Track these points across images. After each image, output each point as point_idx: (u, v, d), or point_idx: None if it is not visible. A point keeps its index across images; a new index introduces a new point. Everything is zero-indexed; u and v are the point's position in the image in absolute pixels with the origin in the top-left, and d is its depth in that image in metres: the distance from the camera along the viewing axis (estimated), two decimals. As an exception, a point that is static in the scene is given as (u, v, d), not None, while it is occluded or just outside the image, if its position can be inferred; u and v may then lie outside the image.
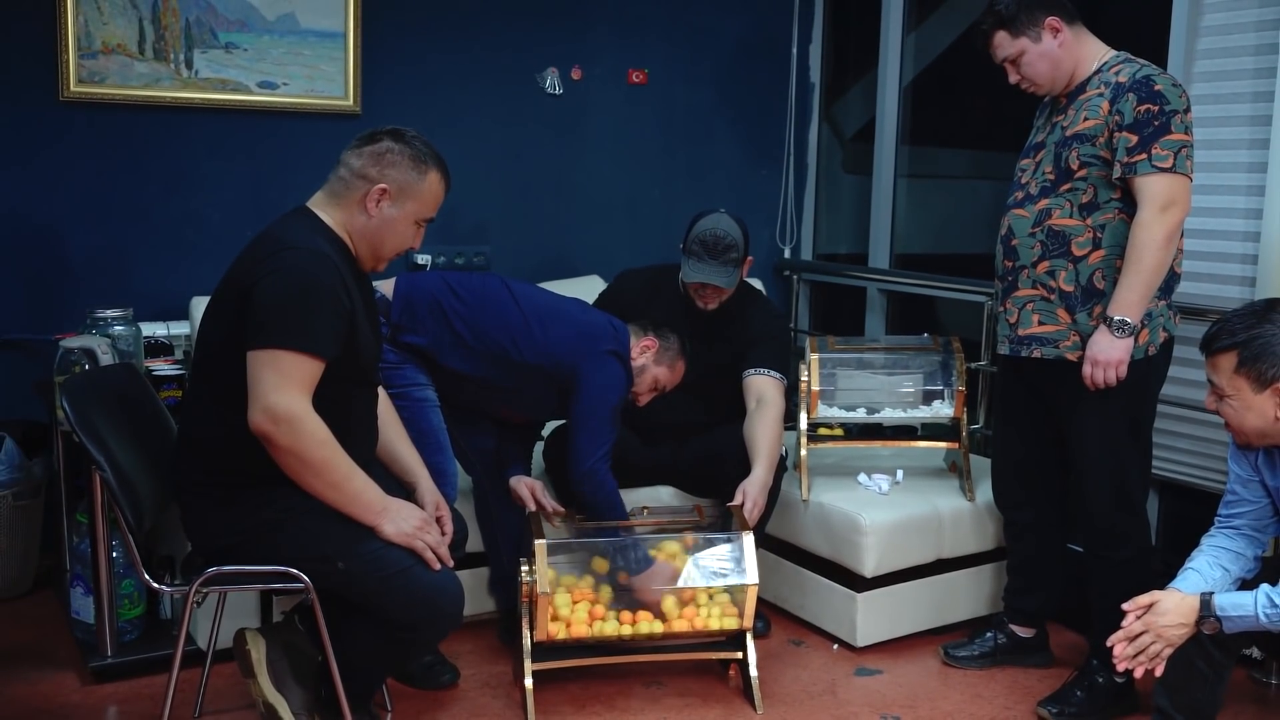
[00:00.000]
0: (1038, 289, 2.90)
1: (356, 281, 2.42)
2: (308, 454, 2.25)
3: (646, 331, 3.20)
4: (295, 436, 2.23)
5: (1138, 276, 2.71)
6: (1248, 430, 2.36)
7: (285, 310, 2.24)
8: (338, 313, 2.30)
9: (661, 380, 3.21)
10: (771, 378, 3.30)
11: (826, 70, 4.89)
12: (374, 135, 2.44)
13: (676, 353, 3.22)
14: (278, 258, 2.28)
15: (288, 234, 2.35)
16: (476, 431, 3.19)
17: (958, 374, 3.44)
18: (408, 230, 2.46)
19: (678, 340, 3.23)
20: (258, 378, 2.23)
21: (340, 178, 2.43)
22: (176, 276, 3.72)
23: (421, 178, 2.43)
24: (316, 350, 2.26)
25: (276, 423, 2.21)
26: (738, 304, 3.42)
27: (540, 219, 4.37)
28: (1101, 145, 2.79)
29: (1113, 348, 2.75)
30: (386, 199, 2.41)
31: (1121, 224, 2.79)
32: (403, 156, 2.41)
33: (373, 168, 2.40)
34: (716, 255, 3.26)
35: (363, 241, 2.45)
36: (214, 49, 3.74)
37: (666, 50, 4.54)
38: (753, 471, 3.11)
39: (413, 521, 2.37)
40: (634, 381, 3.15)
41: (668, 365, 3.20)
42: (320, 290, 2.28)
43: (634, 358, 3.14)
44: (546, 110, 4.32)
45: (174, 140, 3.74)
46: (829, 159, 4.98)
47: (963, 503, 3.41)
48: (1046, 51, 2.86)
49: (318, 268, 2.29)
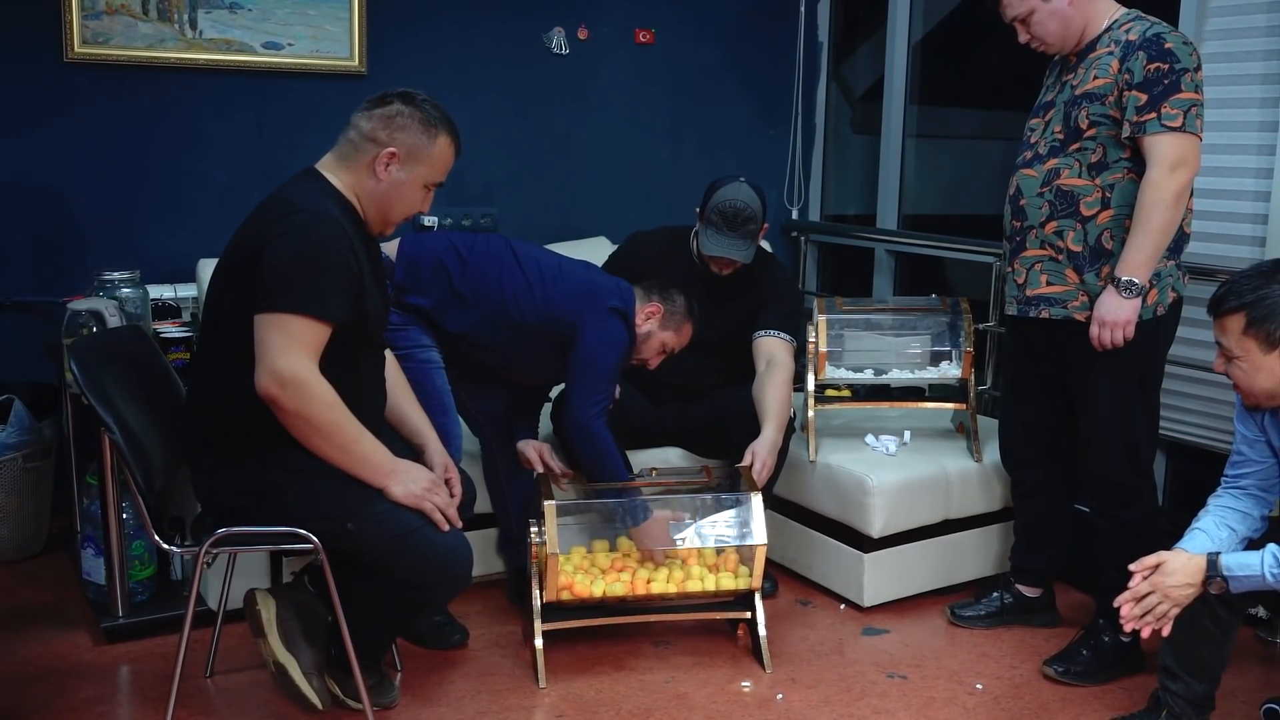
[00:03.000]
0: (1046, 249, 2.89)
1: (364, 245, 2.42)
2: (315, 417, 2.25)
3: (651, 296, 3.17)
4: (302, 400, 2.23)
5: (1146, 236, 2.70)
6: (1257, 391, 2.35)
7: (293, 274, 2.24)
8: (346, 277, 2.30)
9: (669, 344, 3.20)
10: (782, 339, 3.30)
11: (835, 28, 4.86)
12: (384, 98, 2.42)
13: (683, 315, 3.20)
14: (286, 220, 2.28)
15: (296, 197, 2.34)
16: (483, 394, 3.19)
17: (965, 335, 3.43)
18: (416, 194, 2.45)
19: (684, 301, 3.20)
20: (265, 341, 2.23)
21: (350, 140, 2.41)
22: (183, 238, 3.72)
23: (432, 142, 2.41)
24: (324, 314, 2.26)
25: (284, 386, 2.22)
26: (750, 267, 3.40)
27: (547, 180, 4.35)
28: (1111, 104, 2.77)
29: (1120, 308, 2.75)
30: (396, 163, 2.39)
31: (1130, 183, 2.78)
32: (413, 120, 2.39)
33: (382, 131, 2.39)
34: (736, 228, 3.24)
35: (371, 205, 2.44)
36: (218, 9, 3.72)
37: (673, 9, 4.51)
38: (762, 432, 3.11)
39: (421, 483, 2.38)
40: (639, 347, 3.14)
41: (674, 330, 3.19)
42: (328, 254, 2.27)
43: (639, 323, 3.12)
44: (553, 70, 4.30)
45: (179, 102, 3.73)
46: (837, 119, 4.95)
47: (970, 463, 3.41)
48: (1056, 10, 2.83)
49: (326, 231, 2.29)
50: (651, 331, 3.15)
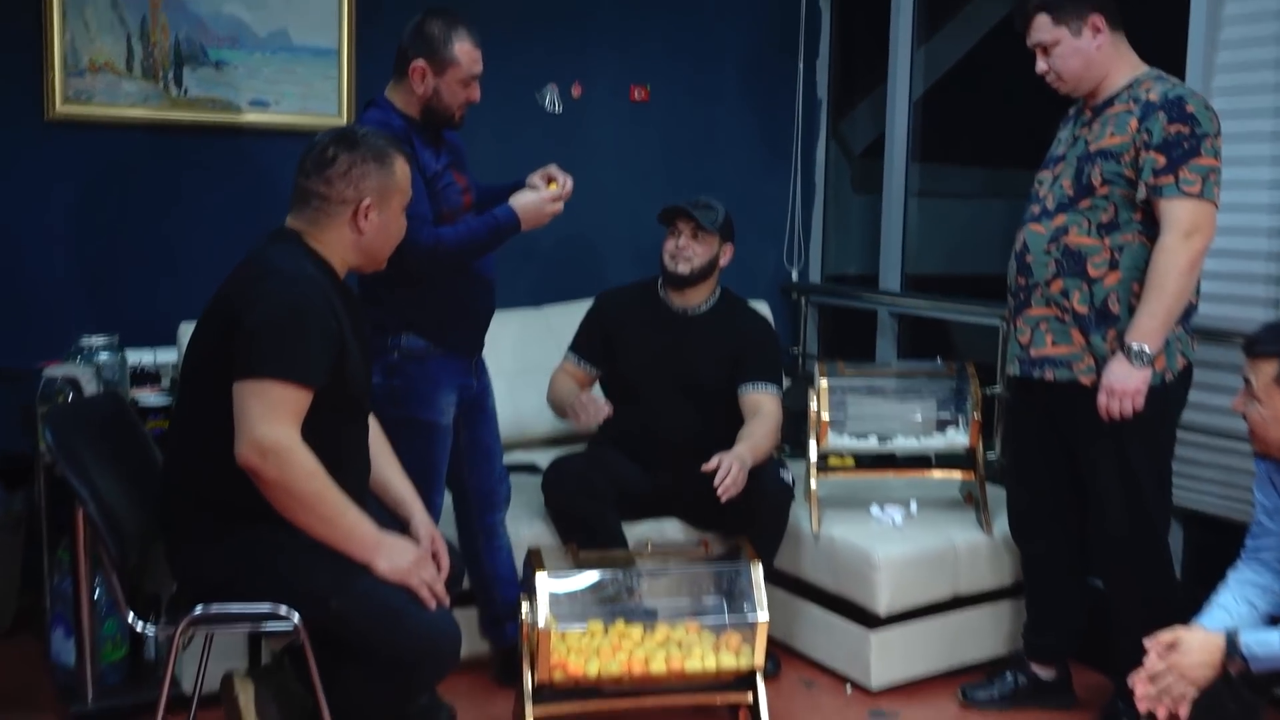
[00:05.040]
0: (1051, 308, 2.89)
1: (345, 305, 2.42)
2: (297, 487, 2.23)
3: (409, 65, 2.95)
4: (284, 469, 2.21)
5: (1159, 303, 2.71)
6: (1270, 440, 2.36)
7: (272, 339, 2.23)
8: (326, 340, 2.30)
9: (459, 74, 2.94)
10: (768, 393, 3.44)
11: (834, 85, 4.90)
12: (323, 154, 2.39)
13: (446, 32, 2.93)
14: (263, 283, 2.28)
15: (273, 258, 2.35)
16: (483, 470, 3.20)
17: (972, 400, 3.42)
18: (398, 223, 2.49)
19: (441, 23, 2.95)
20: (244, 409, 2.22)
21: (315, 208, 2.41)
22: (164, 301, 3.70)
23: (392, 171, 2.42)
24: (304, 379, 2.25)
25: (264, 455, 2.20)
26: (724, 309, 3.59)
27: (540, 240, 4.34)
28: (1126, 163, 2.78)
29: (1130, 377, 2.74)
30: (373, 210, 2.41)
31: (1141, 247, 2.79)
32: (367, 162, 2.39)
33: (348, 189, 2.39)
34: (692, 205, 3.49)
35: (359, 254, 2.46)
36: (204, 66, 3.75)
37: (669, 66, 4.55)
38: (733, 448, 3.21)
39: (408, 557, 2.35)
40: (436, 105, 2.95)
41: (450, 63, 2.93)
42: (308, 317, 2.27)
43: (415, 88, 2.93)
44: (547, 128, 4.32)
45: (163, 160, 3.75)
46: (837, 177, 4.98)
47: (979, 536, 3.39)
48: (1082, 48, 2.85)
49: (305, 294, 2.29)
50: (435, 87, 2.95)
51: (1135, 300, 2.77)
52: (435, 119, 2.98)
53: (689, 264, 3.50)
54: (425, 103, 2.95)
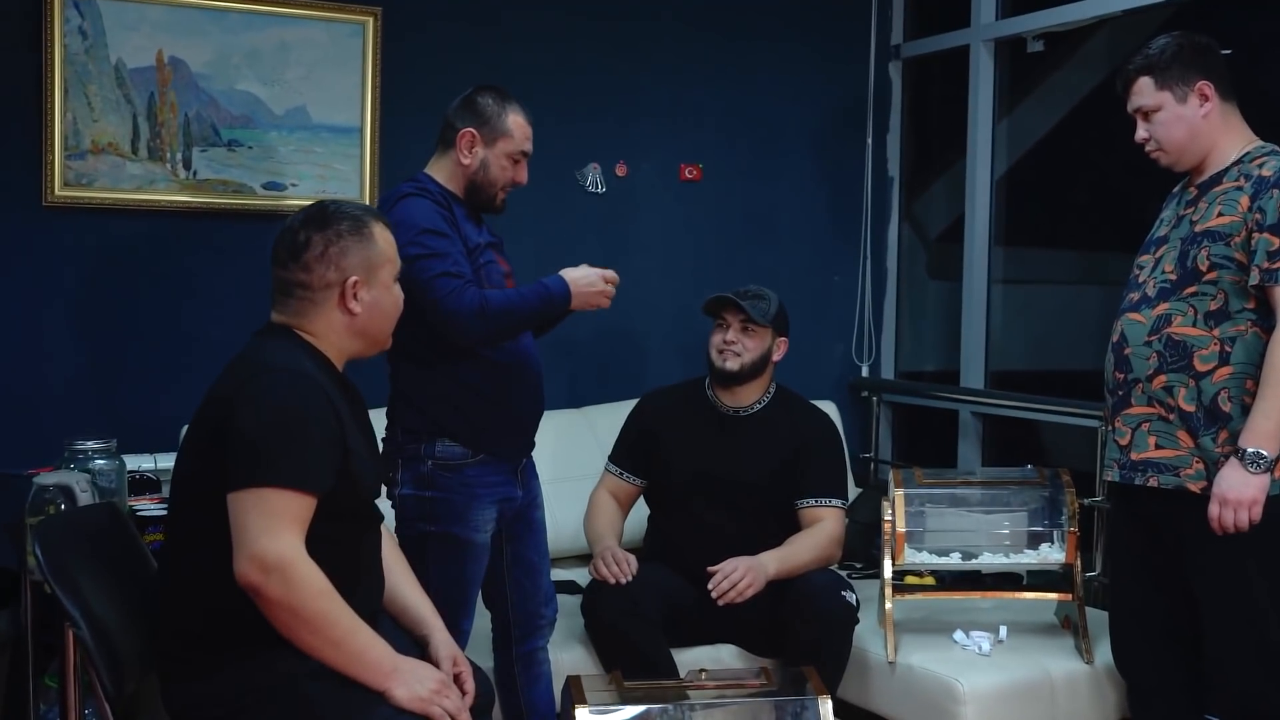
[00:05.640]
0: (1154, 406, 2.88)
1: (347, 401, 2.44)
2: (303, 607, 2.23)
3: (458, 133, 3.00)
4: (288, 587, 2.21)
5: (1276, 402, 2.69)
6: None
7: (267, 443, 2.24)
8: (327, 439, 2.31)
9: (510, 151, 3.03)
10: (829, 507, 3.48)
11: (906, 162, 4.96)
12: (294, 238, 2.43)
13: (501, 108, 3.01)
14: (255, 383, 2.30)
15: (265, 355, 2.37)
16: (527, 590, 3.20)
17: (1068, 512, 3.38)
18: (393, 295, 2.50)
19: (494, 97, 3.03)
20: (242, 523, 2.22)
21: (300, 298, 2.43)
22: (168, 402, 3.74)
23: (372, 243, 2.44)
24: (306, 485, 2.25)
25: (267, 572, 2.19)
26: (778, 407, 3.61)
27: (580, 333, 4.37)
28: (1237, 246, 2.79)
29: (1246, 485, 2.71)
30: (361, 287, 2.43)
31: (1255, 338, 2.78)
32: (344, 239, 2.41)
33: (328, 271, 2.41)
34: (740, 296, 3.53)
35: (359, 338, 2.48)
36: (215, 147, 3.85)
37: (723, 142, 4.61)
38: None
39: (428, 684, 2.33)
40: (482, 182, 3.02)
41: (503, 135, 3.01)
42: (305, 416, 2.28)
43: (462, 160, 2.99)
44: (588, 210, 4.40)
45: (169, 248, 3.82)
46: (911, 262, 5.02)
47: (1079, 665, 3.34)
48: (1187, 116, 2.88)
49: (301, 391, 2.30)
50: (484, 159, 3.01)
51: (1249, 399, 2.76)
52: (478, 198, 3.04)
53: (738, 360, 3.53)
54: (471, 177, 3.01)
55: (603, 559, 3.40)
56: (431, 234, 2.85)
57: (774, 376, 3.64)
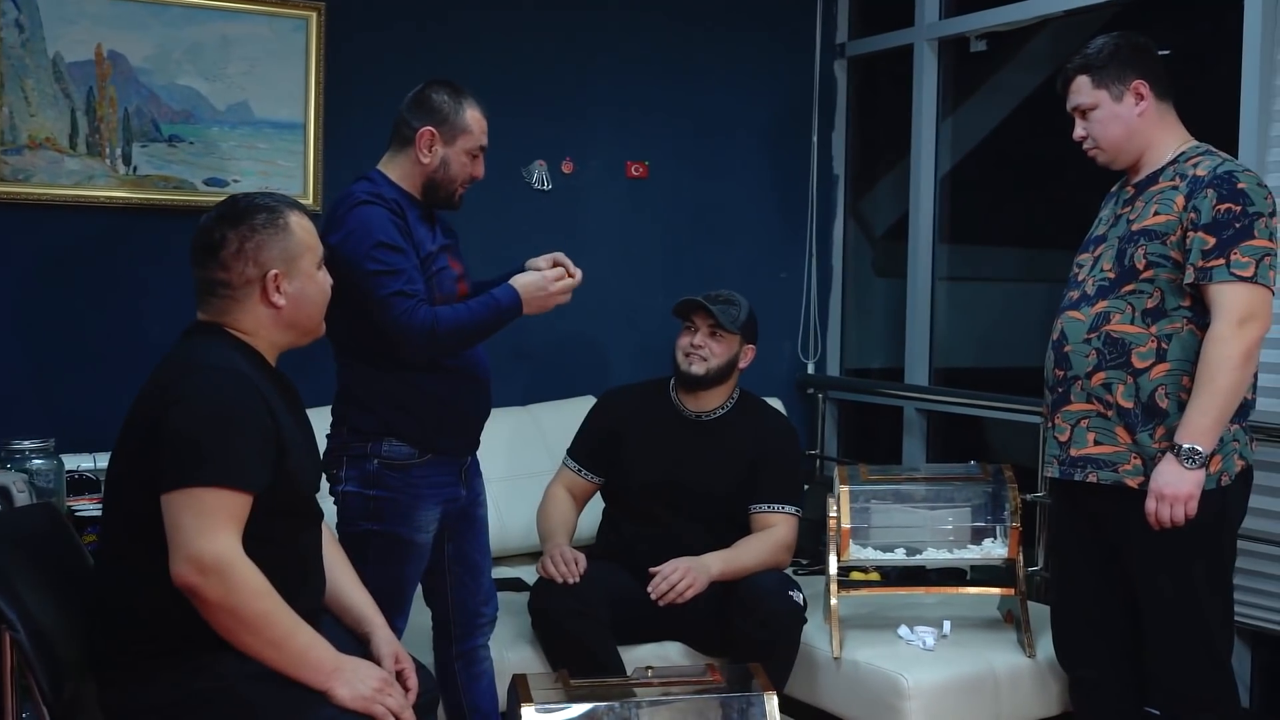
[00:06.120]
0: (1093, 403, 2.91)
1: (283, 398, 2.43)
2: (242, 608, 2.22)
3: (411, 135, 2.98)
4: (227, 588, 2.20)
5: (1211, 399, 2.72)
6: None
7: (199, 442, 2.23)
8: (261, 436, 2.30)
9: (467, 147, 3.01)
10: (782, 514, 3.48)
11: (852, 160, 4.97)
12: (208, 237, 2.40)
13: (457, 106, 2.98)
14: (184, 382, 2.29)
15: (194, 354, 2.36)
16: (468, 588, 3.19)
17: (1011, 508, 3.41)
18: (316, 284, 2.48)
19: (449, 93, 3.01)
20: (177, 523, 2.21)
21: (223, 296, 2.41)
22: (107, 400, 3.62)
23: (289, 233, 2.42)
24: (242, 483, 2.24)
25: (204, 573, 2.18)
26: (741, 412, 3.62)
27: (527, 332, 4.36)
28: (1173, 245, 2.82)
29: (1181, 480, 2.75)
30: (283, 279, 2.42)
31: (1190, 335, 2.81)
32: (258, 232, 2.39)
33: (246, 267, 2.39)
34: (712, 300, 3.52)
35: (288, 329, 2.46)
36: (156, 142, 3.81)
37: (669, 140, 4.62)
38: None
39: (371, 682, 2.33)
40: (440, 180, 2.99)
41: (460, 132, 2.99)
42: (237, 414, 2.27)
43: (420, 159, 2.96)
44: (534, 207, 4.38)
45: (109, 245, 3.78)
46: (857, 260, 5.03)
47: (1022, 659, 3.37)
48: (1123, 114, 2.92)
49: (231, 388, 2.30)
50: (444, 157, 3.00)
51: (1185, 395, 2.79)
52: (436, 196, 3.02)
53: (704, 364, 3.53)
54: (429, 176, 2.99)
55: (551, 558, 3.39)
56: (386, 248, 2.83)
57: (739, 382, 3.65)
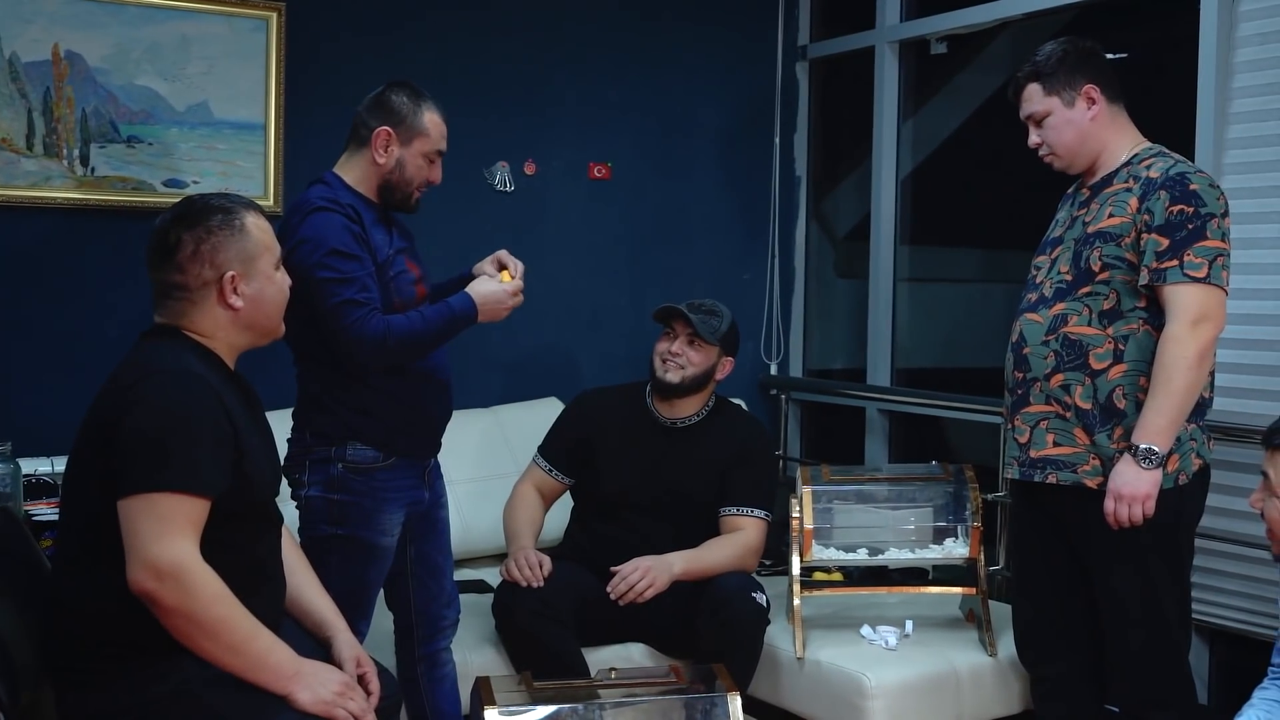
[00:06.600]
0: (1052, 405, 2.93)
1: (242, 401, 2.43)
2: (200, 613, 2.21)
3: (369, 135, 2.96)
4: (184, 593, 2.19)
5: (1167, 399, 2.74)
6: None
7: (155, 446, 2.22)
8: (218, 440, 2.29)
9: (424, 149, 3.01)
10: (751, 517, 3.48)
11: (814, 162, 4.98)
12: (163, 239, 2.39)
13: (415, 105, 2.99)
14: (140, 386, 2.27)
15: (149, 358, 2.34)
16: (430, 590, 3.19)
17: (972, 507, 3.44)
18: (275, 285, 2.47)
19: (408, 95, 3.00)
20: (133, 529, 2.20)
21: (179, 299, 2.40)
22: (64, 403, 3.56)
23: (246, 234, 2.41)
24: (198, 487, 2.23)
25: (161, 579, 2.18)
26: (715, 418, 3.62)
27: (490, 333, 4.35)
28: (1127, 246, 2.84)
29: (1139, 480, 2.77)
30: (241, 281, 2.40)
31: (1146, 336, 2.84)
32: (214, 234, 2.37)
33: (203, 269, 2.37)
34: (693, 309, 3.53)
35: (246, 331, 2.45)
36: (114, 143, 3.79)
37: (632, 141, 4.62)
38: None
39: (332, 686, 2.33)
40: (396, 181, 2.99)
41: (419, 134, 2.99)
42: (194, 417, 2.26)
43: (376, 159, 2.95)
44: (496, 209, 4.37)
45: (66, 246, 3.76)
46: (819, 261, 5.05)
47: (984, 658, 3.39)
48: (1075, 119, 2.94)
49: (188, 391, 2.28)
50: (400, 158, 2.99)
51: (1143, 395, 2.81)
52: (392, 198, 3.01)
53: (680, 373, 3.53)
54: (385, 177, 2.98)
55: (516, 561, 3.38)
56: (340, 255, 2.82)
57: (714, 391, 3.66)
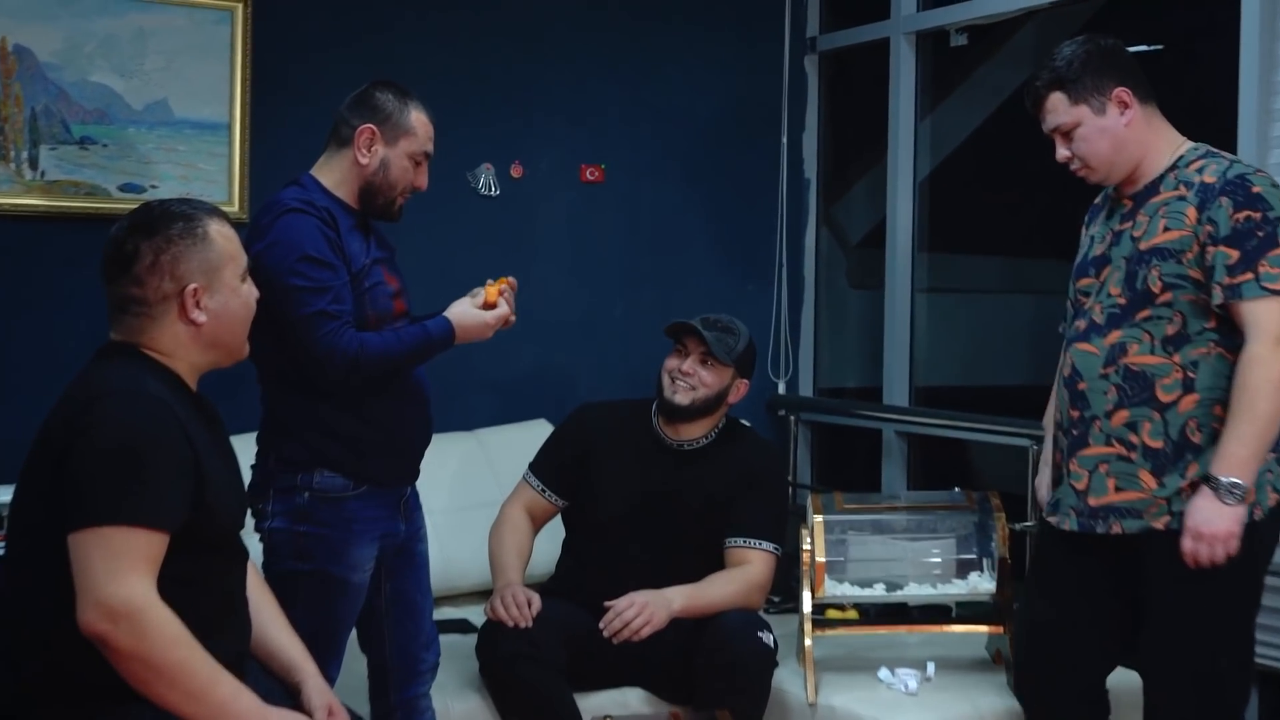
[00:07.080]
0: (1114, 445, 2.80)
1: (204, 425, 2.35)
2: (157, 657, 2.12)
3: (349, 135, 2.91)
4: (139, 636, 2.10)
5: (1250, 426, 2.61)
6: None
7: (108, 476, 2.14)
8: (177, 468, 2.21)
9: (411, 150, 2.94)
10: (759, 550, 3.40)
11: (824, 164, 4.96)
12: (120, 249, 2.33)
13: (401, 105, 2.92)
14: (92, 410, 2.19)
15: (105, 378, 2.27)
16: (407, 631, 3.10)
17: (999, 539, 3.38)
18: (240, 299, 2.41)
19: (394, 94, 2.93)
20: (84, 567, 2.12)
21: (136, 313, 2.33)
22: (14, 427, 3.48)
23: (209, 244, 2.35)
24: (154, 520, 2.15)
25: (115, 620, 2.09)
26: (725, 442, 3.54)
27: (473, 349, 4.24)
28: (1190, 262, 2.71)
29: (1221, 517, 2.63)
30: (204, 294, 2.33)
31: (1220, 360, 2.71)
32: (174, 243, 2.31)
33: (162, 281, 2.31)
34: (708, 325, 3.45)
35: (209, 349, 2.38)
36: (66, 145, 3.74)
37: (628, 140, 4.60)
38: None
39: (300, 735, 2.28)
40: (380, 185, 2.92)
41: (403, 133, 2.92)
42: (150, 444, 2.18)
43: (359, 160, 2.88)
44: (480, 214, 4.34)
45: (15, 255, 3.70)
46: (830, 271, 5.04)
47: (1012, 703, 3.25)
48: (1109, 127, 2.80)
49: (144, 415, 2.20)
50: (384, 158, 2.91)
51: (1219, 425, 2.70)
52: (373, 203, 2.93)
53: (690, 394, 3.43)
54: (368, 179, 2.90)
55: (502, 598, 3.28)
56: (313, 262, 2.75)
57: (725, 413, 3.56)
